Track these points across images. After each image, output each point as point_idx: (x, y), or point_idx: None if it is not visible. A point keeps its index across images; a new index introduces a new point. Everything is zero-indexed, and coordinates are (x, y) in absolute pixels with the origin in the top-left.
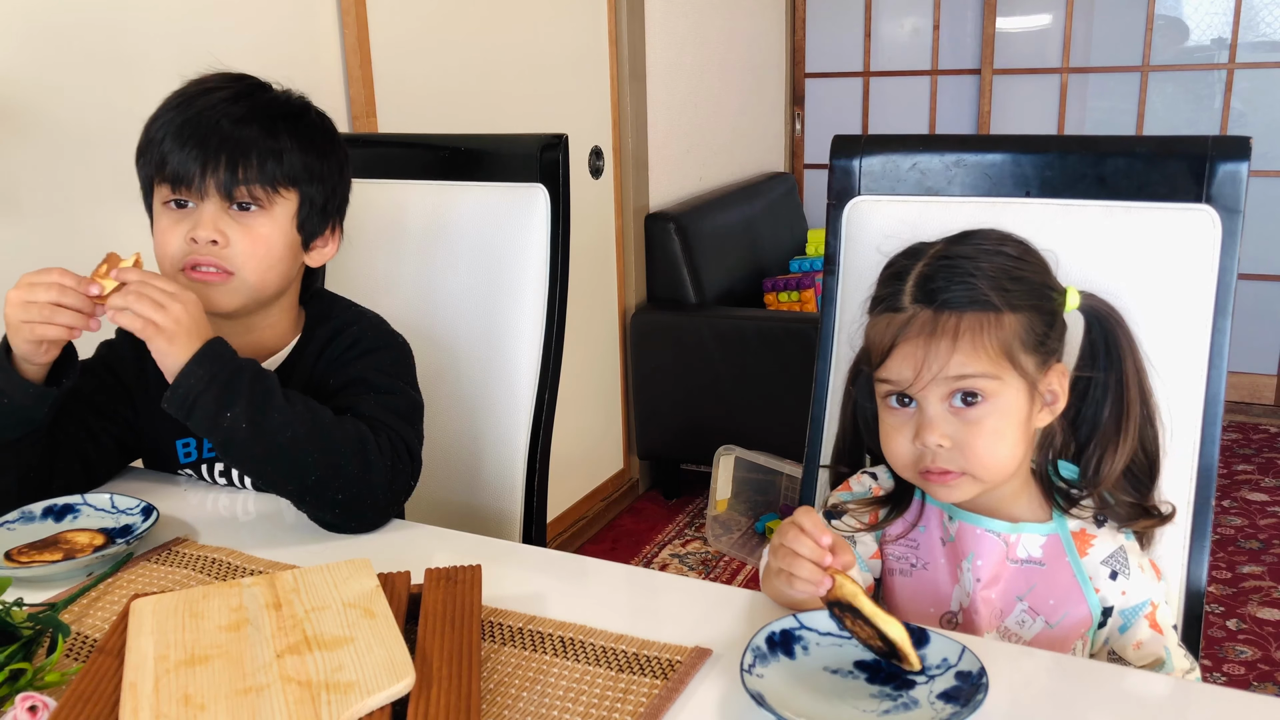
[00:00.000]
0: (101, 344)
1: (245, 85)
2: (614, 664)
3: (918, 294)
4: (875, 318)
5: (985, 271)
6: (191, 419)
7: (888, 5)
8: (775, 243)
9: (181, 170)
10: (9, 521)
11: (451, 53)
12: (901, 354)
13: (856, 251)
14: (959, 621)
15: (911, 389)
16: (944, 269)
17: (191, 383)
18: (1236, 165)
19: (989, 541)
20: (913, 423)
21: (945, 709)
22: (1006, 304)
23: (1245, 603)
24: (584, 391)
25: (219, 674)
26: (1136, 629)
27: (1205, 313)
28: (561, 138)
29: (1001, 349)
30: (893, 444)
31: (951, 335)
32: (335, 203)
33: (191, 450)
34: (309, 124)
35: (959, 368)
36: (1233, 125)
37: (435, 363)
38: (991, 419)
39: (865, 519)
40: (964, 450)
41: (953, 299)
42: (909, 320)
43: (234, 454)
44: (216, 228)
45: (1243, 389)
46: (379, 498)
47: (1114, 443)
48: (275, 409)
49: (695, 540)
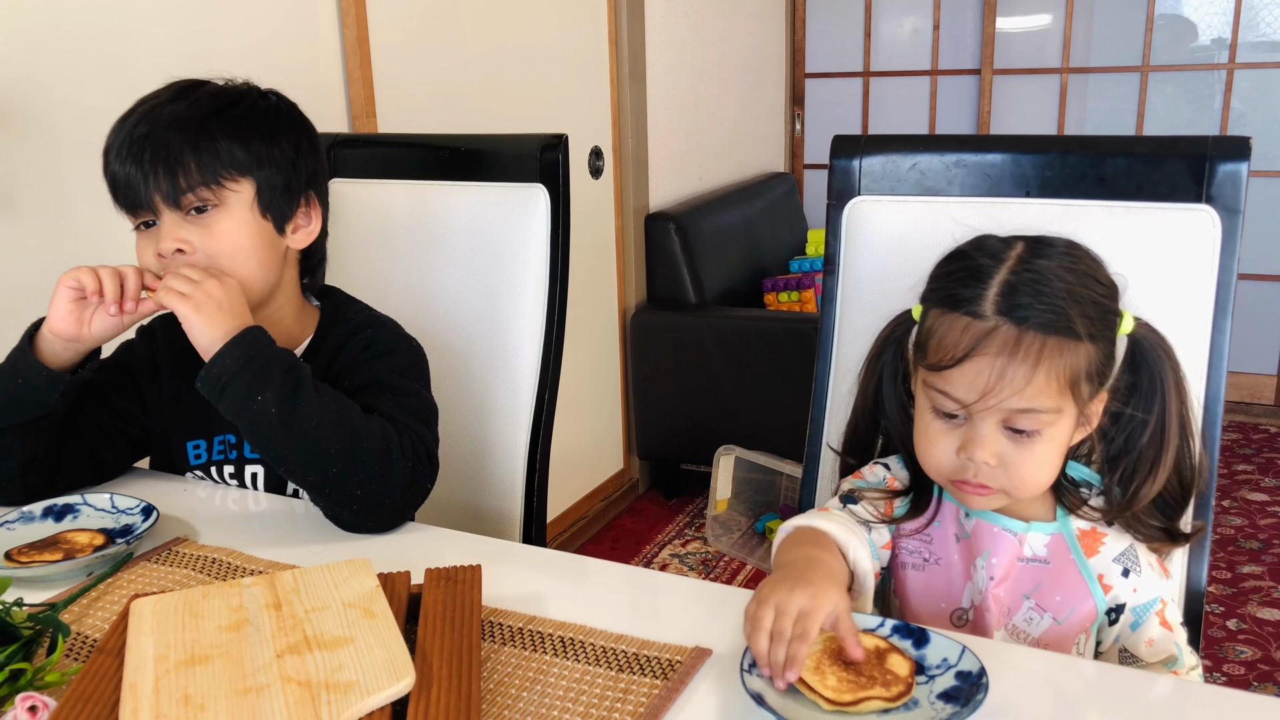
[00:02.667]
0: (121, 345)
1: (177, 88)
2: (614, 664)
3: (1003, 304)
4: (948, 314)
5: (1074, 294)
6: (223, 400)
7: (888, 5)
8: (775, 243)
9: (129, 192)
10: (9, 521)
11: (451, 53)
12: (974, 368)
13: (856, 251)
14: (969, 618)
15: (971, 409)
16: (1030, 281)
17: (227, 363)
18: (1236, 165)
19: (1004, 539)
20: (958, 434)
21: (945, 709)
22: (1088, 333)
23: (1245, 603)
24: (584, 391)
25: (219, 674)
26: (1148, 626)
27: (1205, 313)
28: (561, 138)
29: (1070, 380)
30: (933, 450)
31: (1032, 361)
32: (301, 179)
33: (202, 452)
34: (246, 109)
35: (1028, 401)
36: (1233, 125)
37: (435, 363)
38: (1042, 446)
39: (881, 508)
40: (1009, 471)
41: (1040, 320)
42: (990, 332)
43: (260, 439)
44: (177, 237)
45: (1243, 389)
46: (397, 498)
47: (1150, 471)
48: (304, 398)
49: (695, 540)
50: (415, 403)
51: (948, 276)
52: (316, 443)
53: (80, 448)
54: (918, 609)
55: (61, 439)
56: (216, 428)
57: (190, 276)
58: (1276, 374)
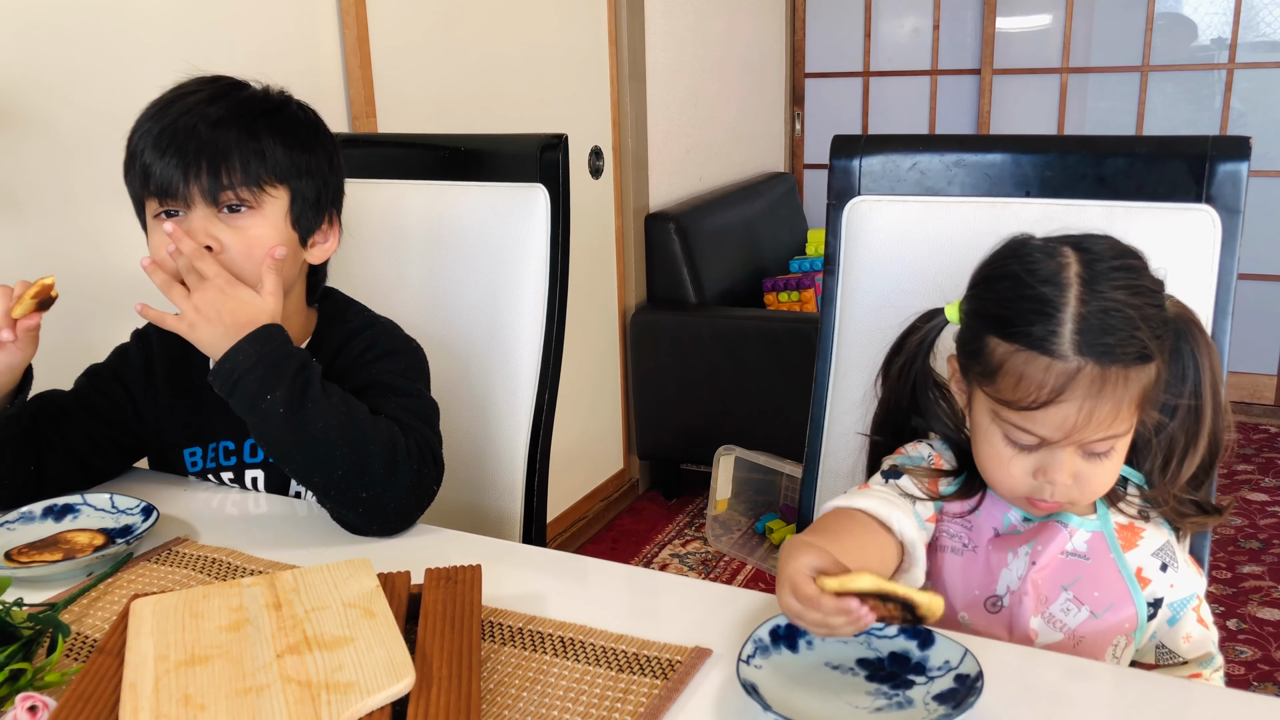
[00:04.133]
0: (115, 350)
1: (220, 86)
2: (614, 664)
3: (1083, 345)
4: (1025, 353)
5: (1148, 318)
6: (233, 396)
7: (888, 5)
8: (775, 243)
9: (165, 181)
10: (9, 521)
11: (451, 53)
12: (1060, 412)
13: (856, 251)
14: (1004, 604)
15: (1053, 441)
16: (1102, 313)
17: (240, 359)
18: (1236, 165)
19: (1053, 529)
20: (1034, 459)
21: (937, 709)
22: (1159, 353)
23: (1245, 603)
24: (584, 391)
25: (219, 674)
26: (1185, 622)
27: (1205, 313)
28: (561, 138)
29: (1141, 399)
30: (1008, 475)
31: (1119, 398)
32: (329, 195)
33: (198, 460)
34: (290, 118)
35: (1109, 430)
36: (1233, 125)
37: (435, 363)
38: (1114, 460)
39: (926, 485)
40: (1083, 486)
41: (1122, 355)
42: (1075, 374)
43: (267, 438)
44: (207, 233)
45: (1243, 389)
46: (403, 501)
47: (1189, 447)
48: (312, 398)
49: (695, 540)
50: (419, 404)
51: (1005, 304)
52: (323, 444)
53: (68, 457)
54: (953, 593)
55: (31, 455)
56: (213, 434)
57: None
58: (1276, 374)
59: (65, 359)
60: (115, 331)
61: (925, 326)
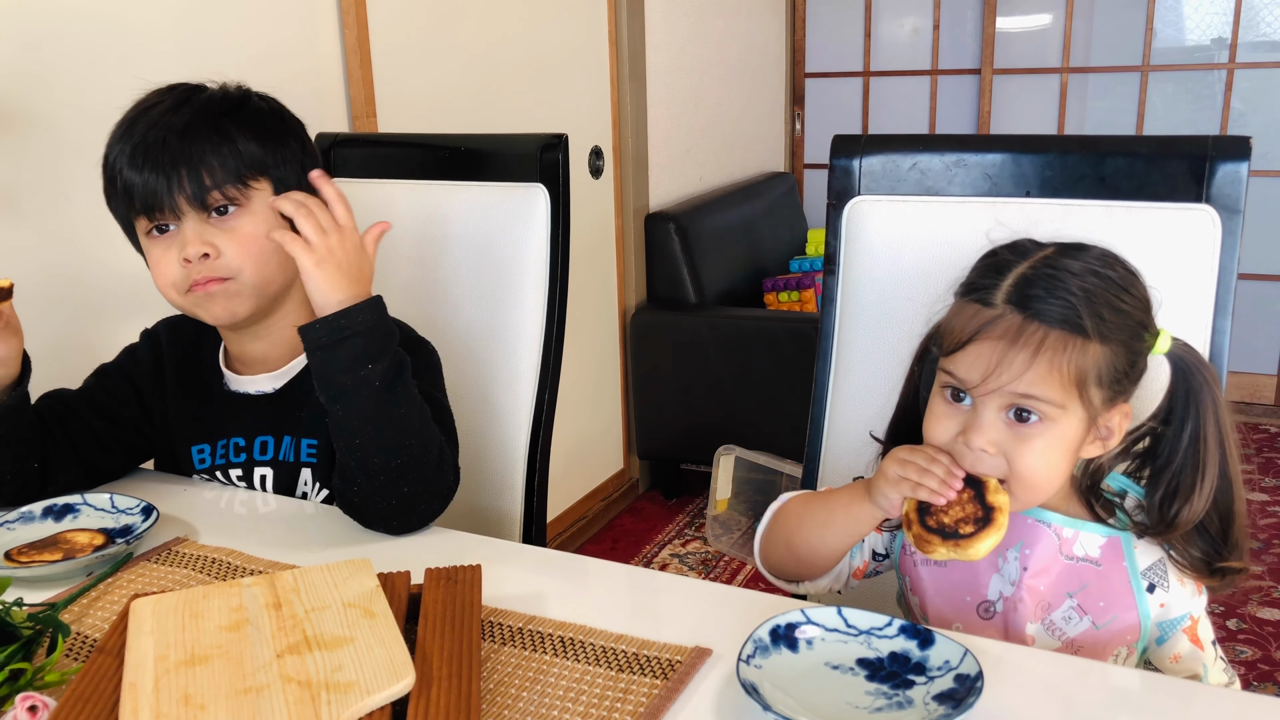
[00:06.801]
0: (124, 349)
1: (179, 93)
2: (614, 664)
3: (1013, 295)
4: (962, 303)
5: (1088, 293)
6: (333, 353)
7: (888, 5)
8: (775, 243)
9: (149, 196)
10: (9, 521)
11: (451, 53)
12: (976, 352)
13: (856, 251)
14: (998, 610)
15: (974, 391)
16: (1047, 277)
17: (357, 318)
18: (1236, 165)
19: (1040, 532)
20: (961, 419)
21: (937, 709)
22: (1097, 332)
23: (1245, 603)
24: (584, 391)
25: (219, 674)
26: (1174, 642)
27: (1205, 313)
28: (561, 138)
29: (1076, 377)
30: (935, 430)
31: (1033, 350)
32: (307, 179)
33: (206, 456)
34: (254, 111)
35: (1027, 386)
36: (1233, 125)
37: None
38: (1042, 440)
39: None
40: (1013, 465)
41: (1045, 311)
42: (995, 319)
43: (352, 406)
44: (203, 241)
45: (1243, 389)
46: (434, 504)
47: (1188, 495)
48: (404, 380)
49: (695, 540)
50: (441, 414)
51: (974, 271)
52: (400, 428)
53: (72, 456)
54: (939, 605)
55: (36, 453)
56: (223, 430)
57: (321, 225)
58: (1276, 374)
59: (66, 359)
60: (115, 331)
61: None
